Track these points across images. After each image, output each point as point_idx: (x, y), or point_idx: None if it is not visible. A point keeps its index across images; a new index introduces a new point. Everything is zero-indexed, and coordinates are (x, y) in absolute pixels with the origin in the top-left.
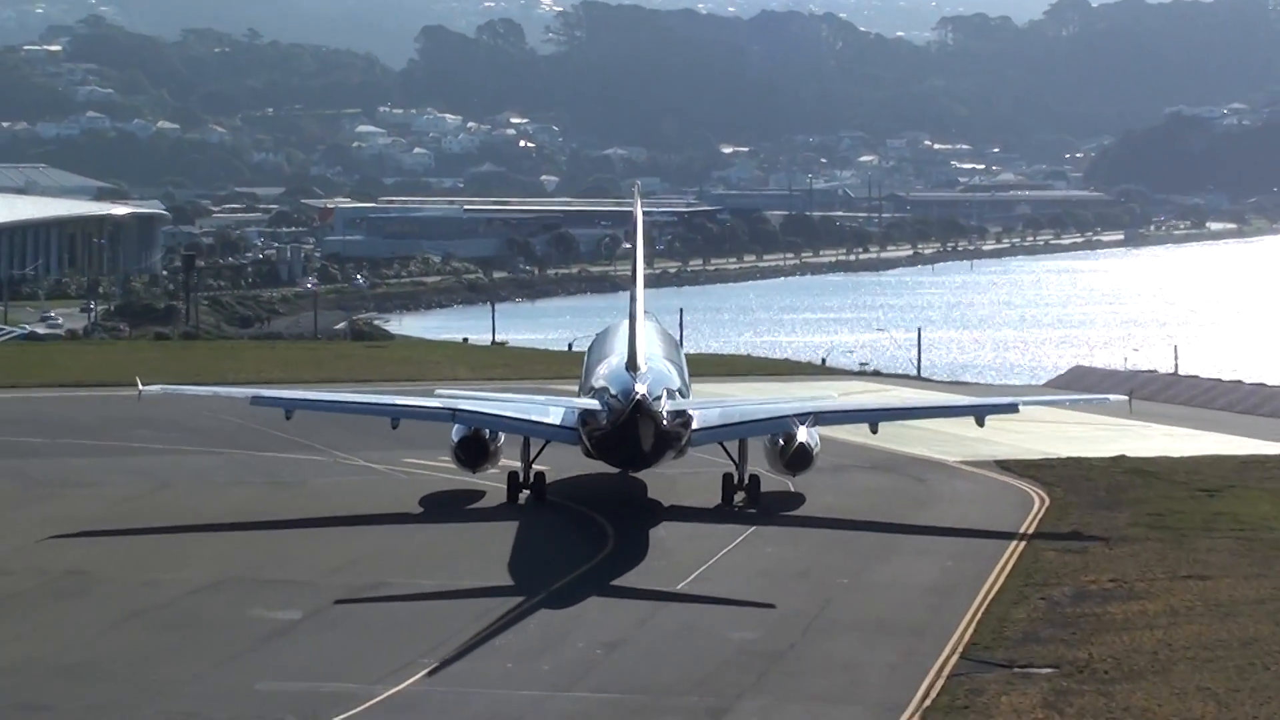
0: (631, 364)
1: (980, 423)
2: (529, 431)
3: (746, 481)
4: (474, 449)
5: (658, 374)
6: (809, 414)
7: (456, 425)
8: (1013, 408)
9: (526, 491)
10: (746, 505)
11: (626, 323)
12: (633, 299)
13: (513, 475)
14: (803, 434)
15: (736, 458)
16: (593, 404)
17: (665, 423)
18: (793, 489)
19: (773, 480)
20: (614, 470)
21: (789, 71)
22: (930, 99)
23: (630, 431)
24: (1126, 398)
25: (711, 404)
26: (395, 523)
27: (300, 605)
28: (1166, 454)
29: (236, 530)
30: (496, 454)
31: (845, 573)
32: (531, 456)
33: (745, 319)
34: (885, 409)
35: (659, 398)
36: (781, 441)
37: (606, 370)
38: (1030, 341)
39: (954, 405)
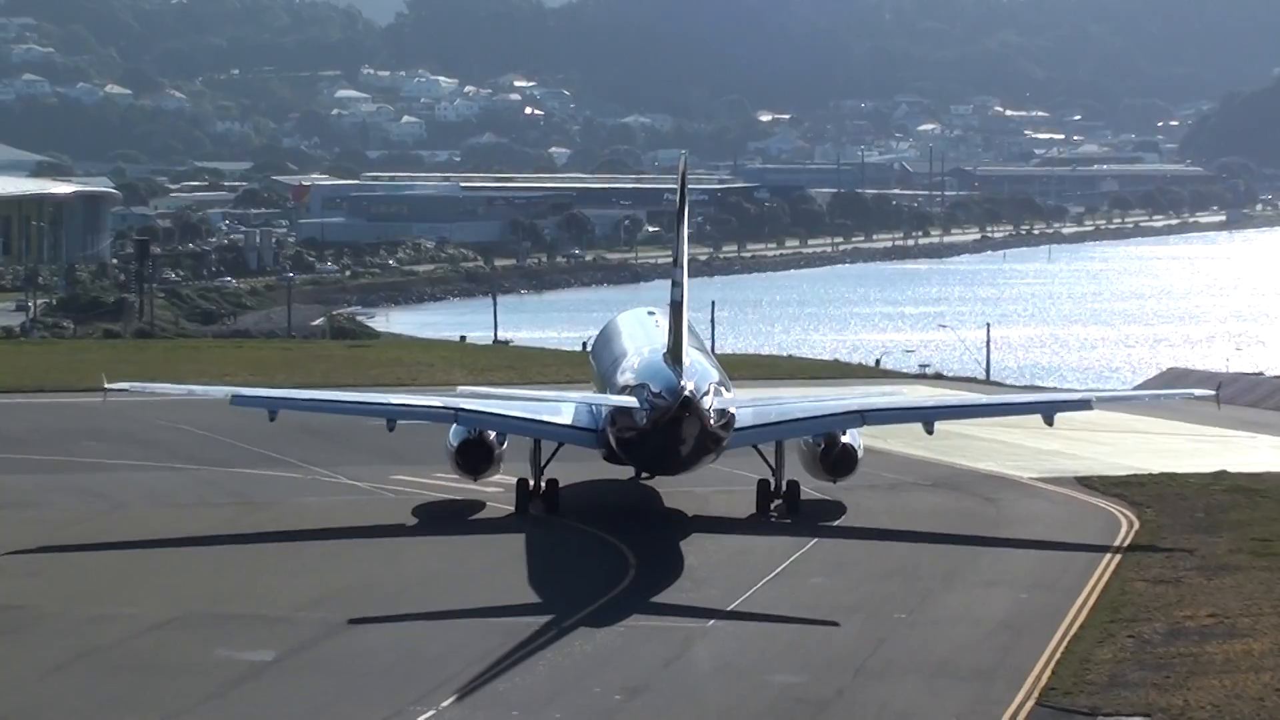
0: (675, 357)
1: (1049, 421)
2: (543, 434)
3: (784, 489)
4: (476, 453)
5: (701, 369)
6: (855, 413)
7: (455, 427)
8: (1086, 404)
9: (539, 501)
10: (784, 515)
11: (640, 313)
12: (675, 284)
13: (522, 483)
14: (846, 434)
15: (773, 462)
16: (628, 401)
17: (712, 422)
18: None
19: (810, 486)
20: (625, 476)
21: (838, 26)
22: (1002, 58)
23: (674, 431)
24: (1215, 392)
25: (747, 402)
26: (382, 548)
27: (273, 645)
28: (1274, 469)
29: (200, 557)
30: (500, 460)
31: (903, 606)
32: (543, 462)
33: (787, 314)
34: (941, 406)
35: (706, 394)
36: (822, 443)
37: (640, 364)
38: (1118, 340)
39: (1019, 402)
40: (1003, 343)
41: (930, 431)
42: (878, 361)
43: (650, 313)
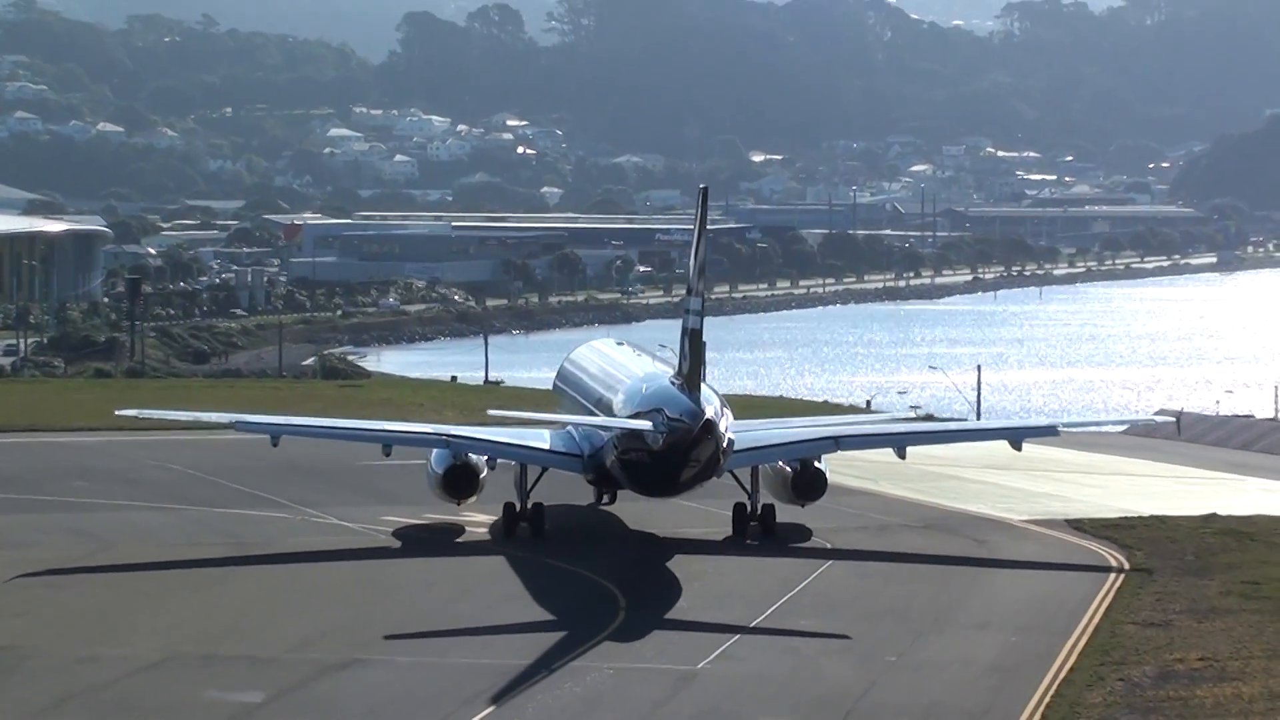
0: (693, 383)
1: (1017, 447)
2: (530, 459)
3: (760, 511)
4: (462, 479)
5: (710, 395)
6: (830, 439)
7: (436, 454)
8: (1052, 430)
9: (524, 524)
10: (761, 536)
11: (608, 343)
12: (687, 311)
13: (509, 507)
14: (819, 460)
15: (748, 486)
16: (640, 424)
17: (724, 445)
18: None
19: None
20: (590, 501)
21: (830, 66)
22: (993, 98)
23: (688, 454)
24: (1174, 419)
25: (733, 427)
26: (373, 589)
27: (262, 686)
28: (1265, 512)
29: (190, 598)
30: (482, 485)
31: (893, 649)
32: (528, 487)
33: (778, 355)
34: (912, 432)
35: (721, 419)
36: (790, 468)
37: (649, 390)
38: (1110, 382)
39: (988, 429)
40: (995, 385)
41: (902, 456)
42: (868, 403)
43: (619, 343)
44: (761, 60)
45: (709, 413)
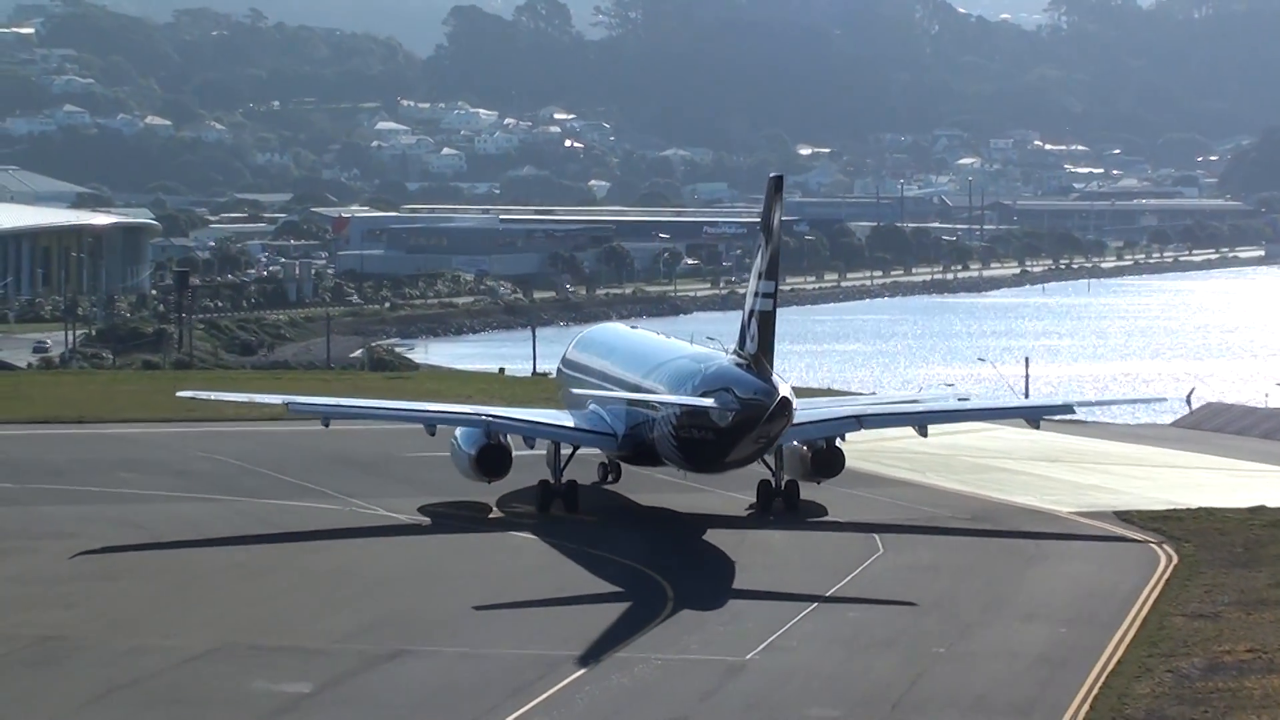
0: (763, 363)
1: (1035, 424)
2: (565, 438)
3: (784, 487)
4: (495, 457)
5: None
6: (853, 417)
7: (467, 433)
8: (1068, 409)
9: (559, 501)
10: (785, 510)
11: (620, 326)
12: (763, 295)
13: (544, 484)
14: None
15: (773, 464)
16: (704, 402)
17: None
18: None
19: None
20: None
21: (877, 60)
22: (1041, 92)
23: (756, 431)
24: (1186, 398)
25: None
26: (420, 580)
27: (311, 676)
28: None
29: (238, 588)
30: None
31: (940, 640)
32: (561, 465)
33: (825, 347)
34: (933, 411)
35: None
36: (808, 446)
37: (709, 369)
38: (1160, 375)
39: (1007, 407)
40: (1043, 378)
41: (924, 434)
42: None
43: (633, 326)
44: (809, 53)
45: (783, 390)
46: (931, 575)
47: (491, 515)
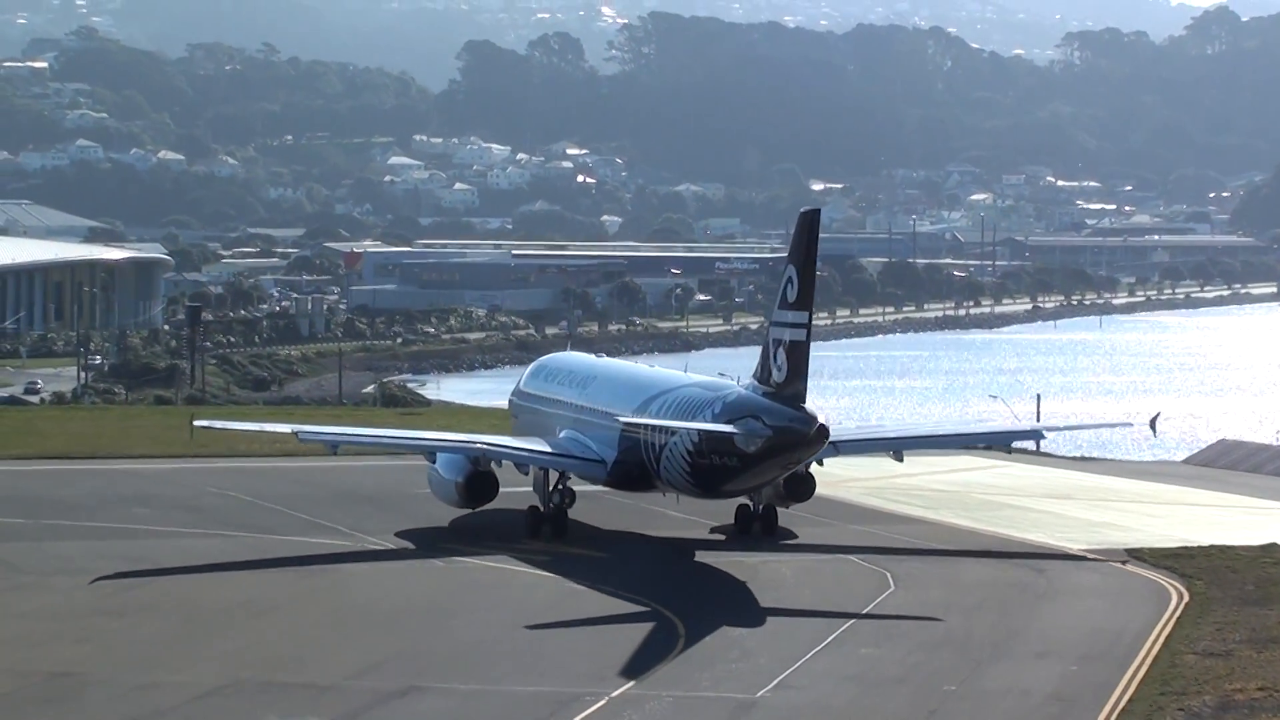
0: (797, 391)
1: (1007, 449)
2: (556, 466)
3: (762, 511)
4: (482, 484)
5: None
6: (830, 443)
7: (450, 461)
8: (1038, 435)
9: (548, 526)
10: (763, 534)
11: (579, 355)
12: (795, 325)
13: (534, 510)
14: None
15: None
16: (727, 429)
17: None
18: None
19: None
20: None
21: (890, 95)
22: (1054, 128)
23: (783, 458)
24: (1151, 421)
25: None
26: (432, 615)
27: (323, 713)
28: None
29: (250, 625)
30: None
31: (952, 678)
32: (549, 489)
33: (837, 384)
34: (907, 436)
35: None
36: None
37: (723, 396)
38: (1173, 412)
39: (979, 433)
40: (1055, 414)
41: (900, 460)
42: None
43: (598, 355)
44: (821, 89)
45: (820, 418)
46: (942, 612)
47: (508, 549)
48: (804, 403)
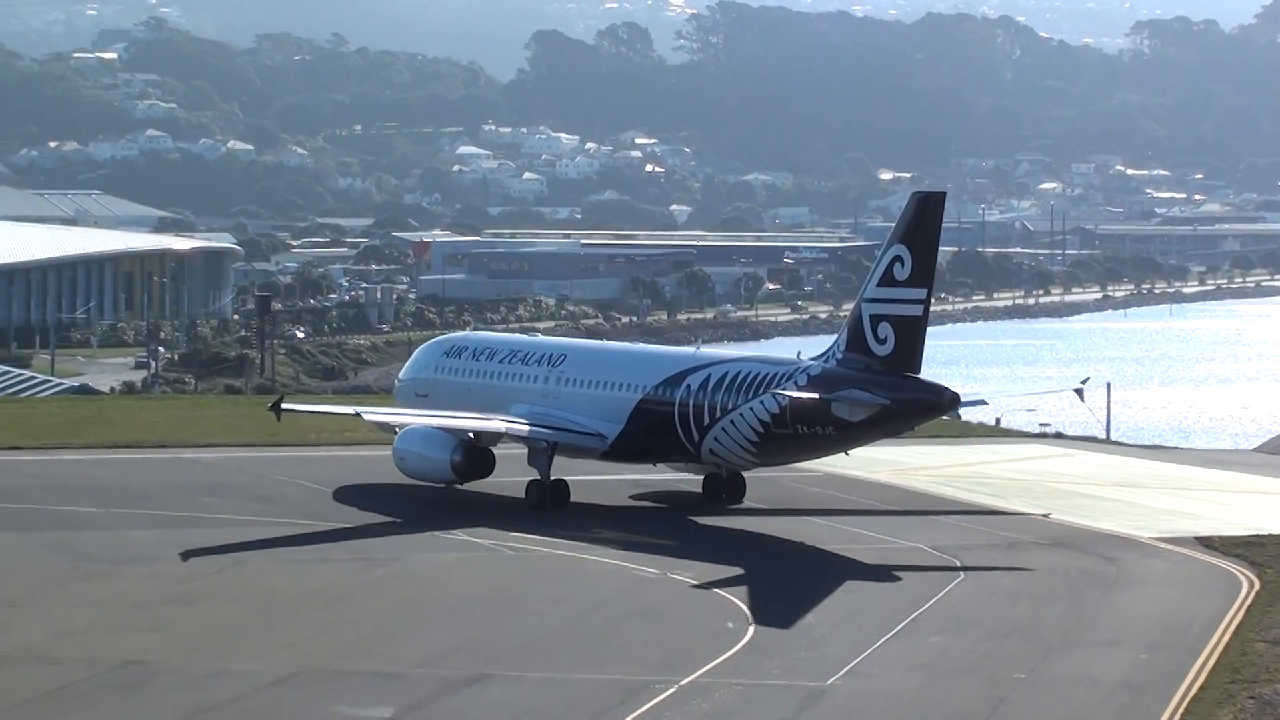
0: (911, 363)
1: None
2: (563, 440)
3: (728, 478)
4: (477, 461)
5: None
6: None
7: (428, 436)
8: (982, 402)
9: (548, 498)
10: (729, 499)
11: (492, 334)
12: (915, 302)
13: (535, 483)
14: None
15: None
16: (858, 397)
17: None
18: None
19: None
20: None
21: (958, 84)
22: (1123, 116)
23: (896, 425)
24: (1075, 388)
25: None
26: (501, 605)
27: (391, 701)
28: None
29: (319, 613)
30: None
31: (1022, 666)
32: (548, 465)
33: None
34: None
35: None
36: None
37: (804, 369)
38: (1241, 401)
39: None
40: (1126, 402)
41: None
42: (998, 420)
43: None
44: (890, 78)
45: (951, 388)
46: (1012, 600)
47: (571, 538)
48: (917, 374)
